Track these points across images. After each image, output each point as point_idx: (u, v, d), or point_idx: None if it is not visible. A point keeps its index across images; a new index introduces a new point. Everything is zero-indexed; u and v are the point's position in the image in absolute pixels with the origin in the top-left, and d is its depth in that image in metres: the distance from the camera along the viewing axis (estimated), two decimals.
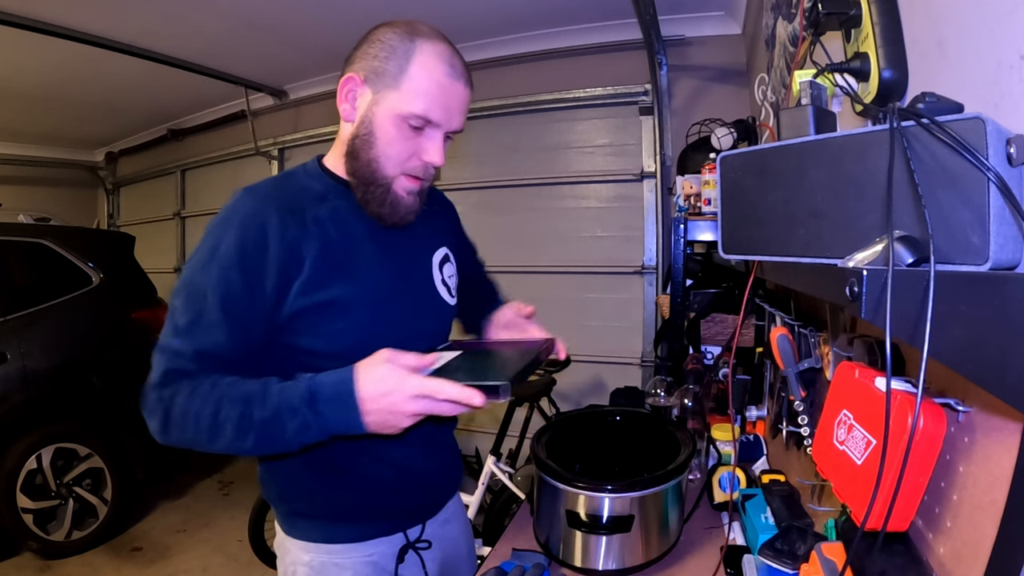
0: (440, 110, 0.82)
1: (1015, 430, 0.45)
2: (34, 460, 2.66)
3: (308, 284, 0.82)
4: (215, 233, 0.80)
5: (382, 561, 0.94)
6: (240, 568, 2.69)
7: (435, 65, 0.81)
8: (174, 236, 4.89)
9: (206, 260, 0.79)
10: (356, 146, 0.84)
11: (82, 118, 4.34)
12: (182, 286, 0.80)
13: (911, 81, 0.64)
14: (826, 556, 0.69)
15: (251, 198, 0.83)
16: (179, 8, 2.63)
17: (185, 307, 0.79)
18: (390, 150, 0.83)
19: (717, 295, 1.91)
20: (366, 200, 0.86)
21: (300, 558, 0.92)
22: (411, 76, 0.80)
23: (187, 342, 0.77)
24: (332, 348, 0.84)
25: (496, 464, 2.42)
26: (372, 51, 0.83)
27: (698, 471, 1.41)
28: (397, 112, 0.81)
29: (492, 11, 2.80)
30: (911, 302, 0.36)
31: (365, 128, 0.83)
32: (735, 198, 0.65)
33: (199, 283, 0.78)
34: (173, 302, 0.80)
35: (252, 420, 0.73)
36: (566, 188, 3.20)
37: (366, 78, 0.83)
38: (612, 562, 1.02)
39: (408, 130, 0.82)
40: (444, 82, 0.82)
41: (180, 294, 0.80)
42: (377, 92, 0.82)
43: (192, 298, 0.78)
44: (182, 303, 0.79)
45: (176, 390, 0.76)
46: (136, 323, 3.14)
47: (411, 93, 0.80)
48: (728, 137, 1.76)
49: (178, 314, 0.79)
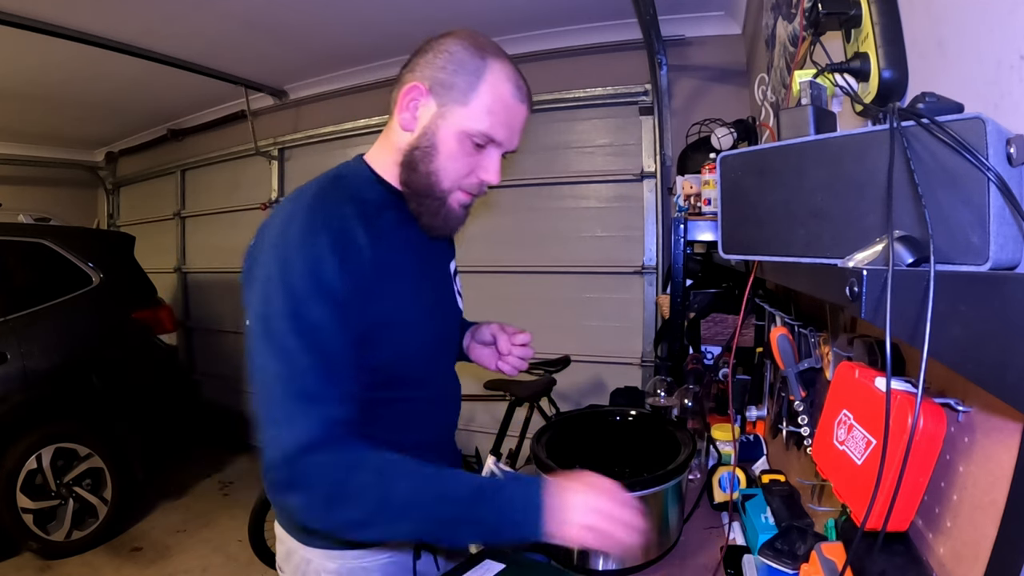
0: (505, 130, 0.83)
1: (1015, 430, 0.45)
2: (34, 460, 2.66)
3: (373, 296, 0.79)
4: (304, 246, 0.74)
5: (403, 560, 0.96)
6: (240, 568, 2.69)
7: (504, 86, 0.81)
8: (174, 236, 4.88)
9: (310, 283, 0.72)
10: (415, 157, 0.83)
11: (82, 118, 4.33)
12: (290, 315, 0.71)
13: (911, 81, 0.64)
14: (826, 556, 0.69)
15: (324, 203, 0.79)
16: (179, 8, 2.63)
17: (308, 347, 0.71)
18: (451, 165, 0.83)
19: (717, 295, 1.91)
20: (420, 211, 0.86)
21: (325, 566, 0.91)
22: (480, 94, 0.80)
23: (329, 390, 0.71)
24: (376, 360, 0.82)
25: (496, 464, 2.41)
26: (439, 62, 0.81)
27: (698, 471, 1.41)
28: (463, 128, 0.81)
29: (492, 11, 2.80)
30: (911, 302, 0.36)
31: (427, 140, 0.82)
32: (735, 198, 0.65)
33: (314, 317, 0.72)
34: (285, 340, 0.71)
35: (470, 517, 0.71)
36: (566, 188, 3.20)
37: (431, 88, 0.81)
38: (612, 562, 1.02)
39: (470, 147, 0.82)
40: (511, 103, 0.82)
41: (290, 330, 0.71)
42: (443, 105, 0.81)
43: (310, 335, 0.71)
44: (300, 342, 0.71)
45: (343, 460, 0.70)
46: (136, 323, 3.14)
47: (479, 111, 0.80)
48: (728, 137, 1.76)
49: (299, 354, 0.71)
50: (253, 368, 0.74)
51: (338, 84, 3.71)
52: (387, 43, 3.22)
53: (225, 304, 4.58)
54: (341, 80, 3.69)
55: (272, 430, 0.71)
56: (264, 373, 0.72)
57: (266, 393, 0.72)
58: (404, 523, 0.70)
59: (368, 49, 3.31)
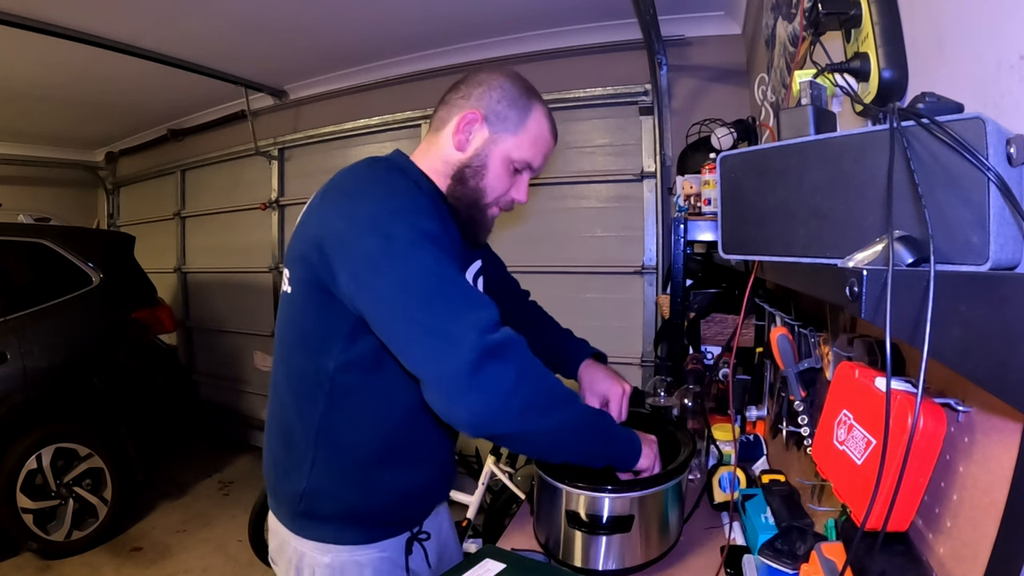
0: (540, 159, 0.99)
1: (1015, 430, 0.45)
2: (34, 460, 2.66)
3: None
4: (407, 215, 0.79)
5: (395, 556, 0.99)
6: (240, 568, 2.69)
7: (545, 123, 0.98)
8: (174, 236, 4.88)
9: (416, 229, 0.78)
10: (466, 174, 0.95)
11: (82, 118, 4.33)
12: (414, 242, 0.76)
13: (911, 81, 0.64)
14: (826, 556, 0.69)
15: (414, 187, 0.86)
16: (179, 8, 2.63)
17: (442, 272, 0.76)
18: (496, 184, 0.96)
19: (717, 295, 1.91)
20: (467, 221, 0.97)
21: (318, 560, 0.93)
22: (528, 128, 0.95)
23: (478, 295, 0.78)
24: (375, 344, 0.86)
25: (496, 464, 2.42)
26: (495, 96, 0.94)
27: (698, 471, 1.41)
28: (509, 155, 0.95)
29: (492, 11, 2.80)
30: (911, 302, 0.36)
31: (479, 161, 0.94)
32: (735, 198, 0.65)
33: (438, 271, 0.76)
34: (416, 266, 0.75)
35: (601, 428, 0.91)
36: (566, 188, 3.20)
37: (486, 117, 0.94)
38: (612, 562, 1.02)
39: (512, 170, 0.97)
40: (548, 138, 0.99)
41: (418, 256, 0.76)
42: (495, 132, 0.94)
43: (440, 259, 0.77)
44: (434, 265, 0.76)
45: (522, 341, 0.77)
46: (136, 323, 3.14)
47: (526, 142, 0.95)
48: (728, 137, 1.76)
49: (438, 274, 0.76)
50: (398, 299, 0.75)
51: (338, 84, 3.71)
52: (387, 43, 3.22)
53: (225, 304, 4.58)
54: (341, 80, 3.69)
55: (458, 319, 0.73)
56: (418, 293, 0.74)
57: (430, 304, 0.74)
58: (578, 427, 0.84)
59: (368, 49, 3.31)
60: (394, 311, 0.76)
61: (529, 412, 0.75)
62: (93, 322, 2.98)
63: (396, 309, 0.75)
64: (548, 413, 0.78)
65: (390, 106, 3.53)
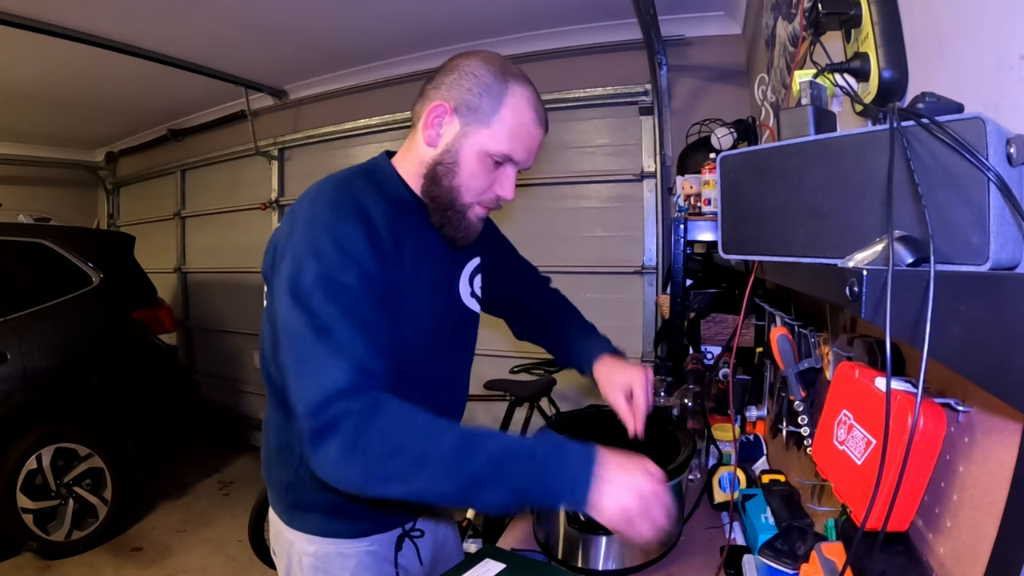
0: (523, 152, 0.87)
1: (1015, 430, 0.45)
2: (34, 460, 2.66)
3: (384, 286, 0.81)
4: (330, 225, 0.77)
5: (382, 550, 0.98)
6: (240, 568, 2.69)
7: (524, 110, 0.86)
8: (174, 236, 4.88)
9: (337, 254, 0.75)
10: (438, 172, 0.87)
11: (82, 118, 4.33)
12: (322, 278, 0.74)
13: (911, 81, 0.64)
14: (826, 556, 0.69)
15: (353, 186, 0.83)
16: (179, 8, 2.63)
17: (340, 309, 0.73)
18: (472, 182, 0.87)
19: (717, 295, 1.91)
20: (443, 223, 0.90)
21: (305, 549, 0.94)
22: (502, 117, 0.84)
23: (359, 344, 0.72)
24: None
25: None
26: (465, 84, 0.84)
27: (698, 471, 1.41)
28: (484, 149, 0.85)
29: (492, 11, 2.80)
30: (911, 302, 0.36)
31: (450, 157, 0.86)
32: (735, 198, 0.65)
33: (345, 281, 0.74)
34: (314, 301, 0.72)
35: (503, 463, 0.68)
36: (566, 188, 3.20)
37: (456, 109, 0.85)
38: (612, 562, 1.02)
39: (490, 165, 0.87)
40: (530, 127, 0.87)
41: (321, 291, 0.73)
42: (466, 125, 0.85)
43: (342, 298, 0.74)
44: (331, 304, 0.73)
45: (374, 406, 0.69)
46: (136, 323, 3.14)
47: (500, 133, 0.85)
48: (728, 137, 1.76)
49: (330, 314, 0.72)
50: (282, 332, 0.75)
51: (338, 84, 3.71)
52: (387, 43, 3.22)
53: (225, 304, 4.58)
54: (341, 80, 3.69)
55: (302, 383, 0.71)
56: (292, 335, 0.73)
57: (295, 352, 0.73)
58: (445, 477, 0.67)
59: (368, 49, 3.31)
60: (282, 334, 0.76)
61: (372, 479, 0.69)
62: (93, 322, 2.98)
63: (281, 346, 0.77)
64: (397, 478, 0.68)
65: (390, 106, 3.53)
